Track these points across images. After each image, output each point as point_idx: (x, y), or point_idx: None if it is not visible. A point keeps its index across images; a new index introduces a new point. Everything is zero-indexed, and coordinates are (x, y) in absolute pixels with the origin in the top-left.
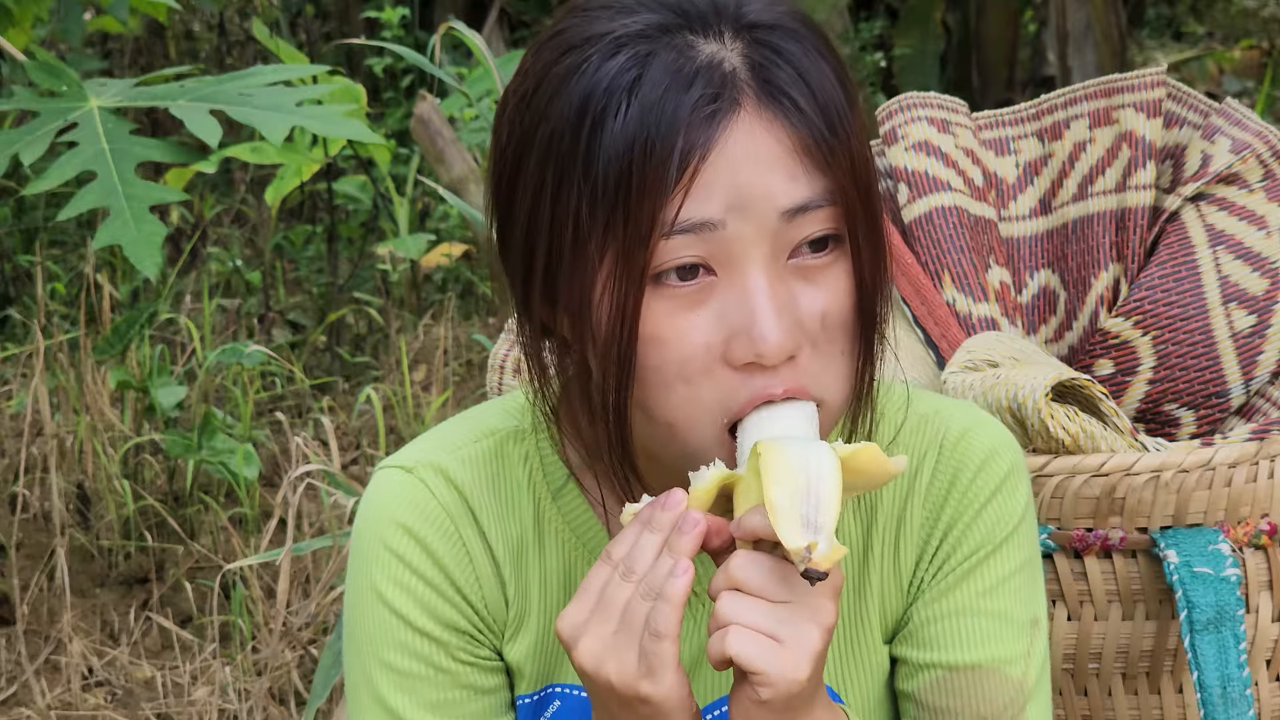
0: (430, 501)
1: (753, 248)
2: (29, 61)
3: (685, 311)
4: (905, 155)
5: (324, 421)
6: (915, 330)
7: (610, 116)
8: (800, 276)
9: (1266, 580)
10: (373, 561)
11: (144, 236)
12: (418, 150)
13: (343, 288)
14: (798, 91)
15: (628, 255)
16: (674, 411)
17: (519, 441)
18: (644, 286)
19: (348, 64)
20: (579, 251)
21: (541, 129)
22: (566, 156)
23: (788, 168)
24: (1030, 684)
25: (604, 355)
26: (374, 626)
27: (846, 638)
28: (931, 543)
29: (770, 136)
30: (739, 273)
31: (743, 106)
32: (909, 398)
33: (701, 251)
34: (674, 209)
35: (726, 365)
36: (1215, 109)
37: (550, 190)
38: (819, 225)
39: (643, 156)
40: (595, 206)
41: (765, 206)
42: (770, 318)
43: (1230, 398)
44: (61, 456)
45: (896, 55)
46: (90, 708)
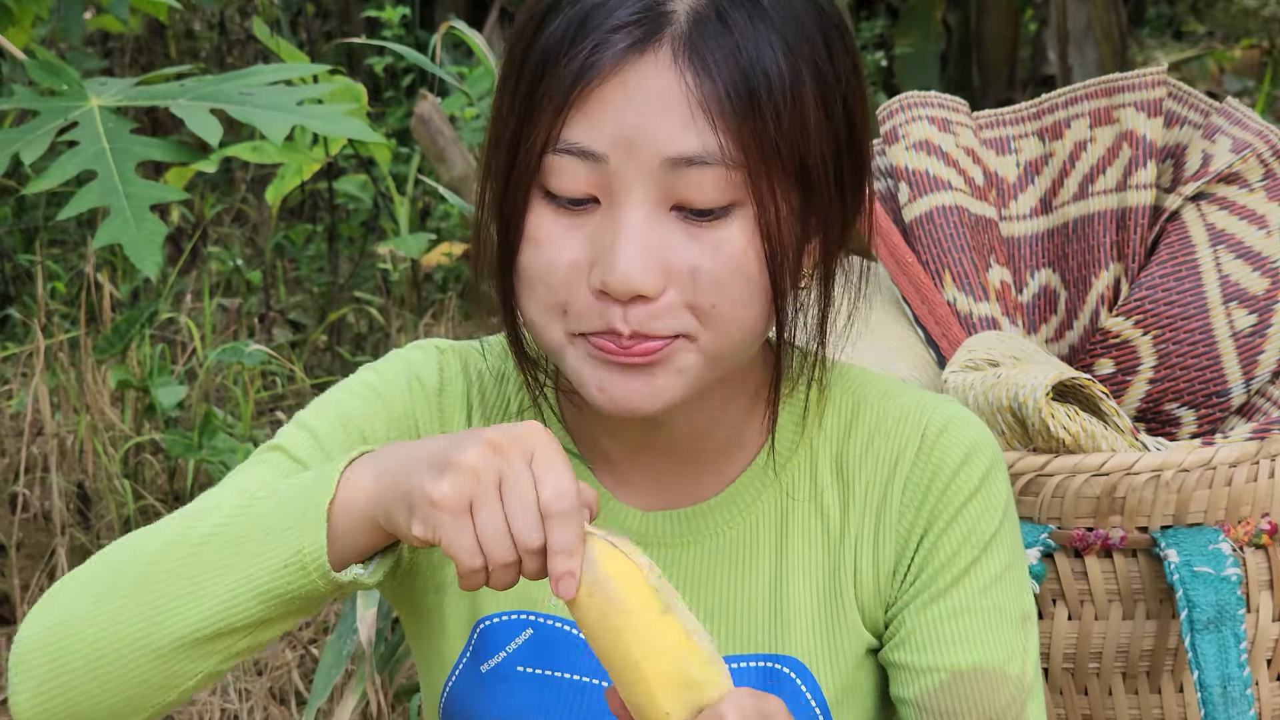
0: (449, 376)
1: (634, 185)
2: (29, 60)
3: (565, 227)
4: (906, 154)
5: None
6: (916, 329)
7: (549, 22)
8: (682, 230)
9: (1267, 580)
10: (377, 370)
11: (144, 236)
12: (418, 149)
13: (343, 287)
14: (719, 50)
15: (522, 161)
16: (531, 310)
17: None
18: (531, 188)
19: (348, 63)
20: (497, 151)
21: (515, 26)
22: (516, 55)
23: (682, 118)
24: (1029, 680)
25: (496, 248)
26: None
27: (823, 614)
28: (913, 537)
29: (676, 83)
30: (617, 205)
31: (661, 47)
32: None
33: (590, 184)
34: (559, 128)
35: (589, 288)
36: (1216, 108)
37: (501, 90)
38: (709, 185)
39: (551, 67)
40: (513, 110)
41: (650, 150)
42: (627, 252)
43: (1231, 397)
44: (62, 456)
45: (897, 54)
46: None
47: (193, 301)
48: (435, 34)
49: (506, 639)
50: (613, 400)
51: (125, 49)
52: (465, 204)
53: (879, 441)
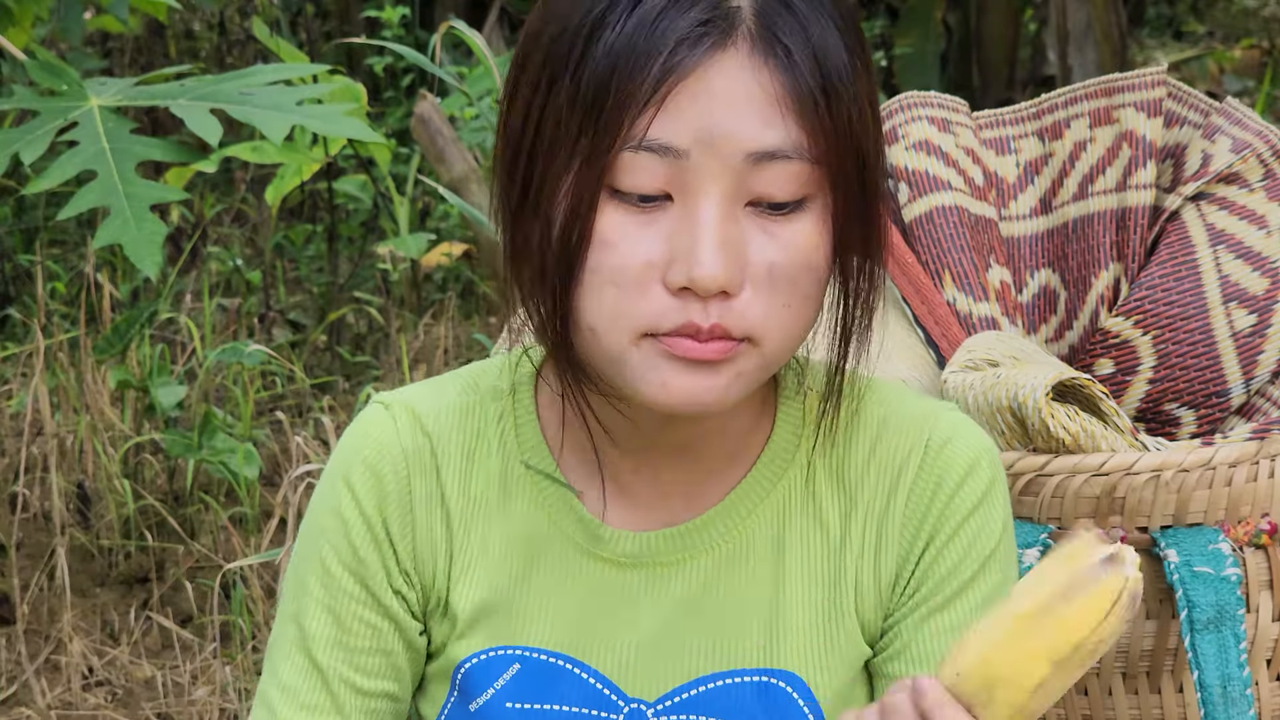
0: (393, 441)
1: (712, 181)
2: (29, 60)
3: (636, 225)
4: (905, 154)
5: (324, 421)
6: (915, 330)
7: (608, 26)
8: (758, 225)
9: (1267, 580)
10: (330, 491)
11: (144, 236)
12: (418, 149)
13: (343, 287)
14: (795, 42)
15: (591, 160)
16: (596, 315)
17: (497, 400)
18: (600, 188)
19: (348, 63)
20: (553, 153)
21: (548, 30)
22: (563, 59)
23: (764, 113)
24: None
25: (556, 251)
26: (314, 552)
27: (823, 627)
28: (915, 549)
29: (754, 79)
30: (693, 202)
31: (735, 43)
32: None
33: (664, 180)
34: (643, 125)
35: (663, 287)
36: (1216, 108)
37: (544, 90)
38: (786, 179)
39: (625, 68)
40: (574, 111)
41: (732, 145)
42: (710, 248)
43: (1230, 397)
44: (61, 456)
45: (897, 54)
46: (90, 707)
47: (193, 301)
48: (435, 34)
49: (493, 676)
50: (672, 395)
51: (125, 49)
52: (465, 204)
53: (881, 451)
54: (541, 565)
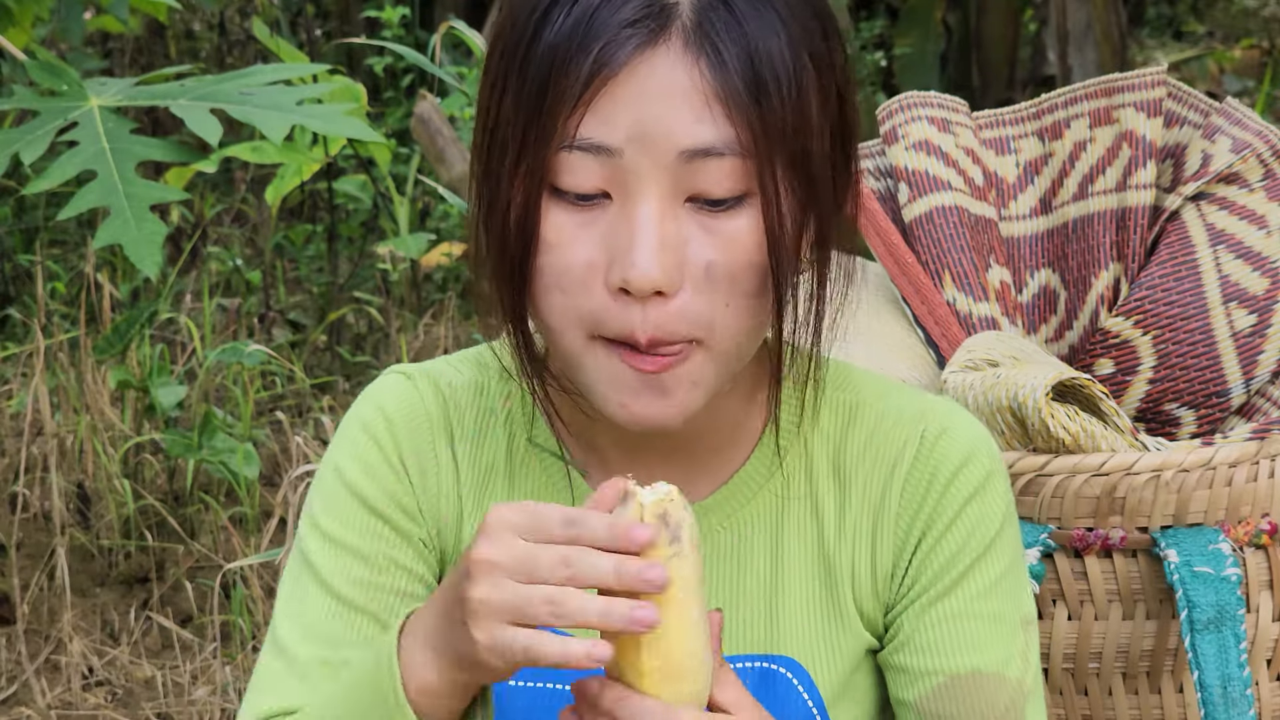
0: (417, 403)
1: (648, 180)
2: (29, 61)
3: (578, 225)
4: (905, 154)
5: (324, 421)
6: (915, 330)
7: (550, 22)
8: (696, 222)
9: (1267, 580)
10: (345, 437)
11: (144, 236)
12: (418, 149)
13: (343, 287)
14: (729, 40)
15: (533, 162)
16: (549, 315)
17: (505, 380)
18: (543, 189)
19: (348, 63)
20: (503, 155)
21: (505, 30)
22: (511, 58)
23: (696, 109)
24: (1028, 684)
25: (508, 253)
26: (330, 496)
27: (819, 613)
28: (911, 539)
29: (686, 76)
30: (630, 201)
31: (669, 40)
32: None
33: (601, 179)
34: (574, 124)
35: (605, 287)
36: (1216, 108)
37: (498, 89)
38: (723, 175)
39: (560, 67)
40: (519, 112)
41: (665, 143)
42: (646, 249)
43: (1231, 397)
44: (62, 456)
45: (897, 54)
46: (90, 707)
47: (192, 301)
48: (435, 34)
49: None
50: (634, 416)
51: (125, 49)
52: (465, 204)
53: (878, 442)
54: None
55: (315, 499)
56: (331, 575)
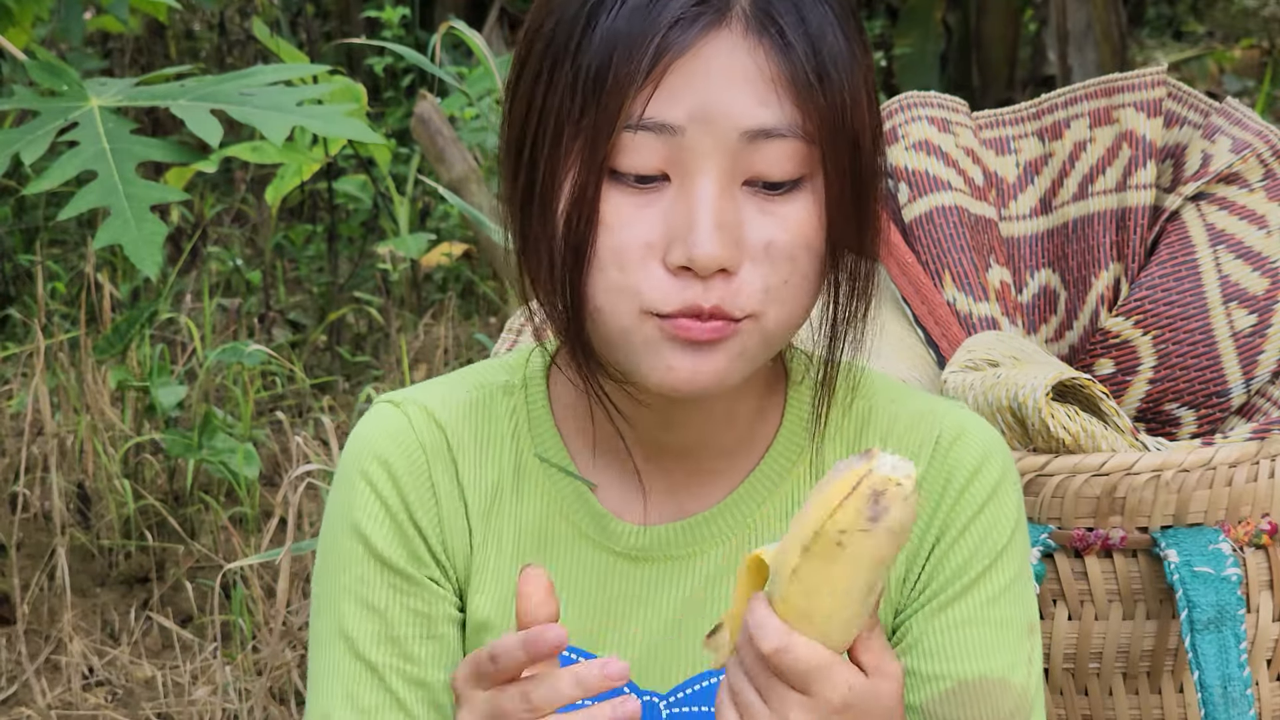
0: (409, 436)
1: (708, 160)
2: (29, 61)
3: (636, 206)
4: (905, 154)
5: (324, 421)
6: (915, 330)
7: (604, 13)
8: (754, 204)
9: (1267, 580)
10: (348, 489)
11: (144, 236)
12: (418, 149)
13: (343, 287)
14: (789, 23)
15: (593, 143)
16: (601, 295)
17: (508, 395)
18: (604, 171)
19: (348, 63)
20: (556, 139)
21: (547, 24)
22: (562, 48)
23: (759, 91)
24: (1032, 690)
25: (563, 237)
26: (342, 554)
27: None
28: (924, 545)
29: (750, 58)
30: (691, 181)
31: (730, 23)
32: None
33: (661, 160)
34: (640, 105)
35: (663, 266)
36: (1216, 108)
37: (545, 80)
38: (783, 158)
39: (623, 50)
40: (574, 96)
41: (727, 123)
42: (708, 227)
43: (1231, 397)
44: (62, 456)
45: (897, 55)
46: (90, 707)
47: (193, 301)
48: (435, 34)
49: None
50: (678, 376)
51: (125, 49)
52: (465, 204)
53: (892, 446)
54: (554, 558)
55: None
56: (358, 638)
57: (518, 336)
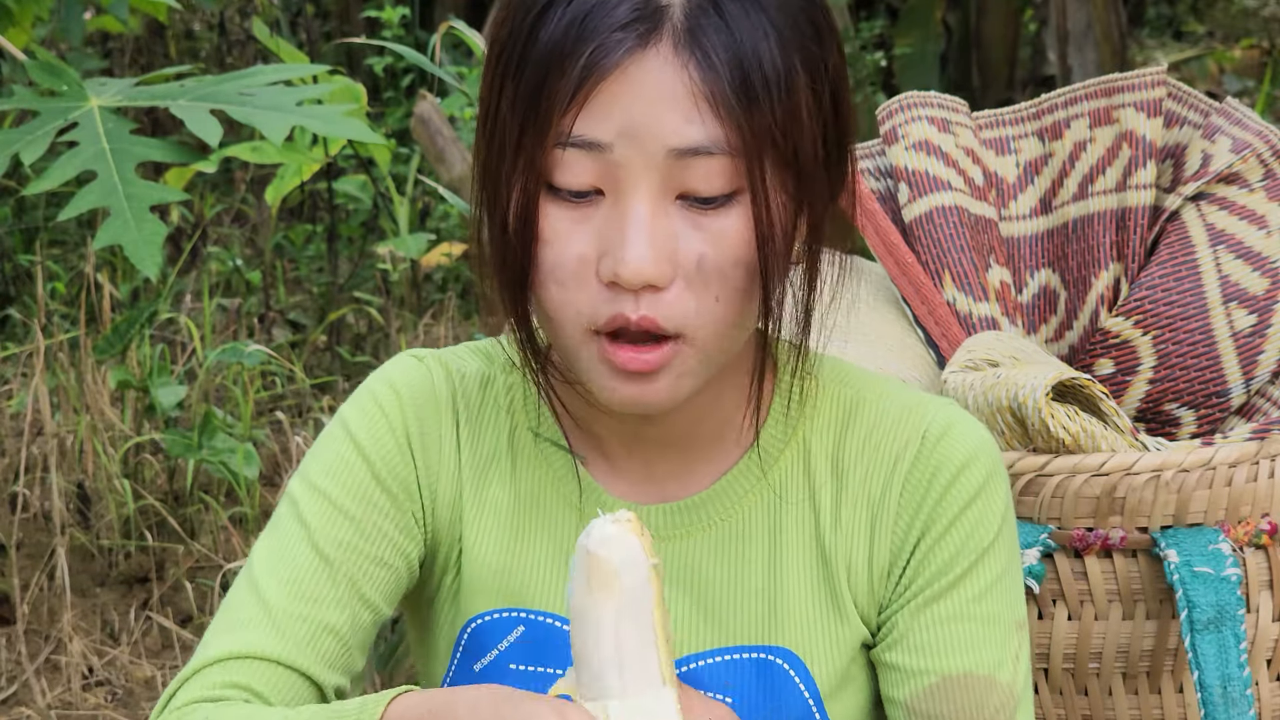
0: (428, 383)
1: (639, 177)
2: (29, 61)
3: (571, 221)
4: (905, 155)
5: (324, 421)
6: (915, 330)
7: (546, 23)
8: (686, 219)
9: (1267, 580)
10: (354, 403)
11: (144, 236)
12: (418, 149)
13: (343, 287)
14: (719, 43)
15: (530, 159)
16: (550, 308)
17: (508, 372)
18: (539, 187)
19: (348, 63)
20: (502, 152)
21: (501, 32)
22: (509, 61)
23: (685, 110)
24: (1019, 688)
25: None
26: (330, 456)
27: (815, 604)
28: (909, 539)
29: (676, 77)
30: (623, 196)
31: (660, 41)
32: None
33: (594, 175)
34: (569, 123)
35: (598, 280)
36: (1216, 108)
37: (495, 89)
38: (712, 174)
39: (556, 67)
40: (515, 112)
41: (655, 142)
42: (638, 243)
43: (1230, 397)
44: (62, 456)
45: (897, 55)
46: (90, 707)
47: (193, 301)
48: (435, 34)
49: (498, 637)
50: (623, 401)
51: (125, 49)
52: (465, 204)
53: (878, 439)
54: (545, 529)
55: (315, 457)
56: (320, 532)
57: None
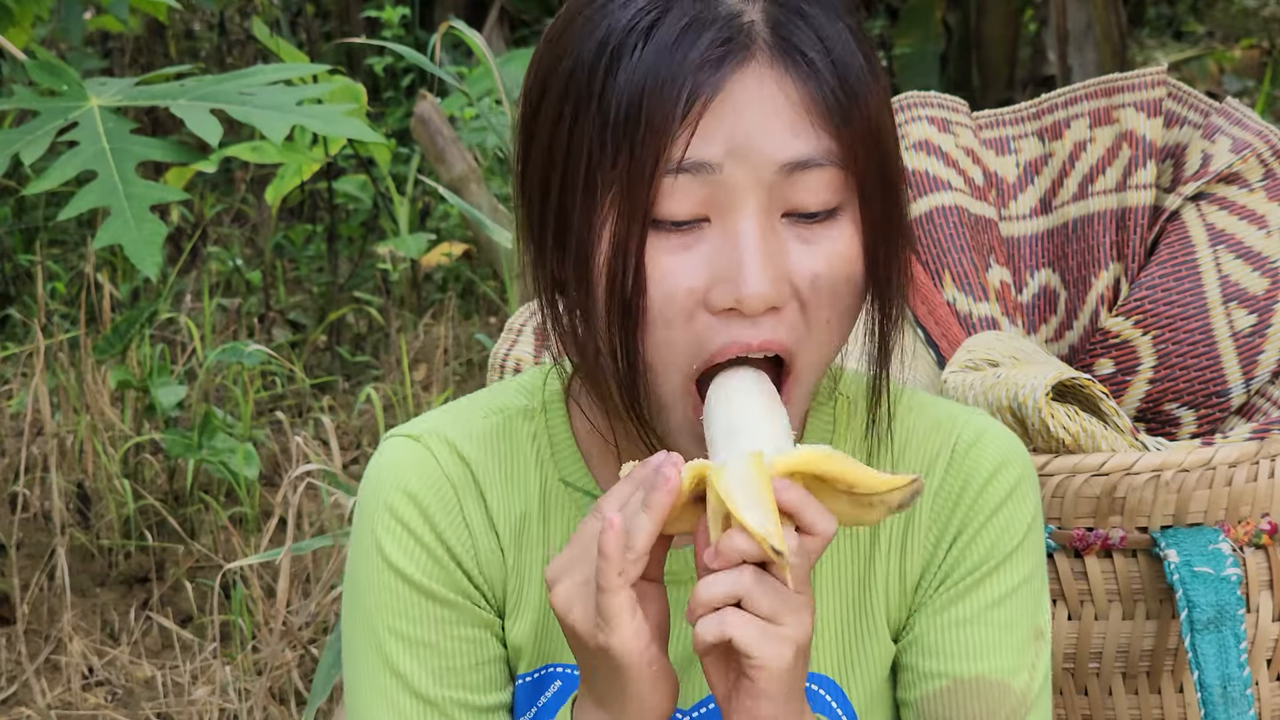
0: (435, 470)
1: (748, 195)
2: (29, 60)
3: (674, 253)
4: (906, 155)
5: (324, 421)
6: (916, 330)
7: (626, 54)
8: (796, 235)
9: (1267, 579)
10: (378, 525)
11: (144, 236)
12: (418, 149)
13: (343, 287)
14: (813, 49)
15: (631, 191)
16: (652, 351)
17: (529, 419)
18: (647, 222)
19: (348, 63)
20: (589, 184)
21: (564, 64)
22: (583, 91)
23: (791, 122)
24: (1032, 695)
25: (608, 293)
26: (381, 592)
27: (852, 629)
28: (940, 549)
29: (778, 89)
30: (731, 219)
31: (754, 56)
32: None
33: (699, 202)
34: (679, 148)
35: (707, 311)
36: (1216, 108)
37: (567, 123)
38: (820, 187)
39: (654, 94)
40: (605, 140)
41: (763, 157)
42: (756, 266)
43: (1230, 397)
44: (62, 456)
45: (897, 55)
46: (90, 707)
47: (193, 301)
48: (435, 34)
49: (536, 694)
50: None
51: (125, 49)
52: (465, 204)
53: (910, 454)
54: None
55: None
56: (413, 676)
57: (517, 336)
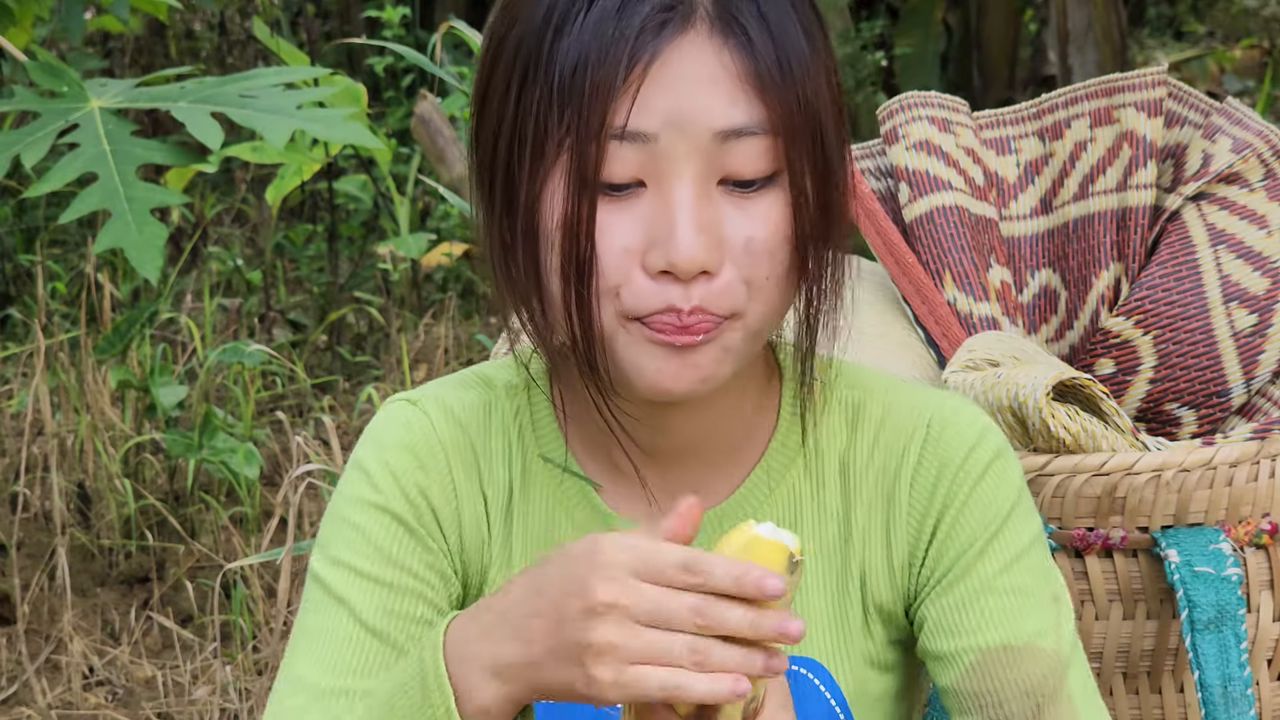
0: (430, 433)
1: (683, 163)
2: (30, 61)
3: (612, 214)
4: (906, 155)
5: (325, 421)
6: (916, 330)
7: (570, 21)
8: (731, 203)
9: (1267, 579)
10: (367, 472)
11: (145, 239)
12: (419, 149)
13: (343, 287)
14: (752, 22)
15: (580, 156)
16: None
17: (513, 396)
18: (597, 186)
19: (348, 63)
20: (537, 150)
21: (513, 33)
22: (531, 58)
23: (728, 91)
24: (1065, 652)
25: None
26: (348, 528)
27: (837, 613)
28: (925, 528)
29: (716, 59)
30: (667, 185)
31: (694, 26)
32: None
33: (636, 167)
34: (621, 115)
35: (643, 271)
36: (1216, 108)
37: (515, 91)
38: (755, 155)
39: (597, 60)
40: (552, 105)
41: (700, 125)
42: (688, 230)
43: (1231, 397)
44: (62, 456)
45: (897, 54)
46: (91, 707)
47: (193, 301)
48: (435, 34)
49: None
50: (664, 379)
51: (125, 49)
52: (465, 204)
53: (885, 438)
54: None
55: (333, 537)
56: (361, 606)
57: (518, 337)
